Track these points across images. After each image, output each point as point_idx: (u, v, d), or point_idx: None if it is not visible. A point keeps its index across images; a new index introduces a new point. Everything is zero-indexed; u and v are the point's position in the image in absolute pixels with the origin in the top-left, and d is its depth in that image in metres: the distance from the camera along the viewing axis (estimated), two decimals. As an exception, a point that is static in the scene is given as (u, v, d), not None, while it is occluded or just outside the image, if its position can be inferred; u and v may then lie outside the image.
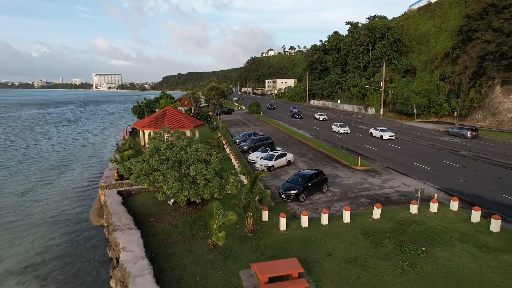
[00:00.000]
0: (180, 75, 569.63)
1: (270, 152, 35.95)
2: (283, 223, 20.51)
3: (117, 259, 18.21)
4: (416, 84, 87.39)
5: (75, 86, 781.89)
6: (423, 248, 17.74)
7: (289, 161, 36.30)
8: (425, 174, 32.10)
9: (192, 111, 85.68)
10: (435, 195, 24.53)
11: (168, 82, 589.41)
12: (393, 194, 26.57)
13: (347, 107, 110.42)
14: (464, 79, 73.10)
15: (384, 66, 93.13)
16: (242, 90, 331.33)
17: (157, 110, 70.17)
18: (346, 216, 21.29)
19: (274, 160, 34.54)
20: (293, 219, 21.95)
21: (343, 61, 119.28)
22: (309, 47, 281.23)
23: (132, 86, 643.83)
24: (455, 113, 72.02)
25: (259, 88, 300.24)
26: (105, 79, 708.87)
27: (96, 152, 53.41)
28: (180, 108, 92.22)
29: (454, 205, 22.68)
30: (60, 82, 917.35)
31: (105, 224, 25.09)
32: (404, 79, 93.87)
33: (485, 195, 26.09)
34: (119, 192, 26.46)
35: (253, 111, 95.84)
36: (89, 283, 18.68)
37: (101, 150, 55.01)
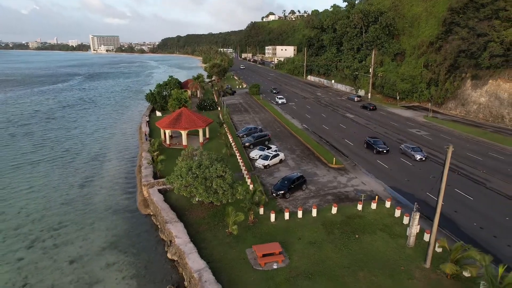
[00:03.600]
0: (179, 37, 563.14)
1: (266, 153, 46.88)
2: (272, 217, 32.00)
3: (171, 241, 29.93)
4: (404, 68, 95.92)
5: (72, 48, 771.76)
6: (357, 236, 29.34)
7: (281, 159, 47.37)
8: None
9: (198, 95, 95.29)
10: (376, 196, 35.75)
11: (167, 44, 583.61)
12: (351, 193, 37.95)
13: (341, 87, 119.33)
14: (442, 71, 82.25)
15: (374, 52, 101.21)
16: (242, 56, 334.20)
17: (168, 98, 79.99)
18: (314, 212, 32.78)
19: (269, 160, 45.60)
20: (280, 213, 33.43)
21: (339, 41, 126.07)
22: (310, 12, 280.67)
23: (130, 49, 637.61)
24: (429, 104, 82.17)
25: (259, 55, 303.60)
26: (102, 41, 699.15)
27: (122, 143, 63.90)
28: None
29: (388, 204, 34.13)
30: (56, 42, 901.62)
31: (152, 213, 36.72)
32: (394, 63, 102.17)
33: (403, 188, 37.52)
34: (159, 190, 37.85)
35: (253, 92, 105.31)
36: (151, 254, 30.46)
37: (125, 141, 65.45)
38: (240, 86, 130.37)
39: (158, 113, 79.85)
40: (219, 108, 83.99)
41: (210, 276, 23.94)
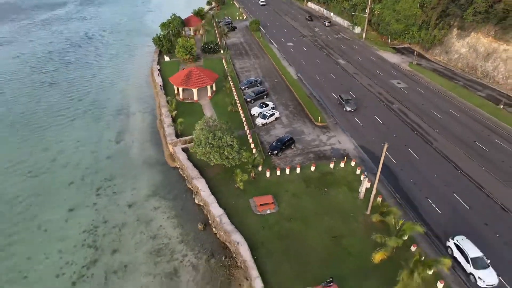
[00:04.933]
0: None
1: (264, 113, 57.55)
2: (267, 174, 44.68)
3: (196, 192, 43.13)
4: (401, 4, 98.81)
5: None
6: (325, 189, 42.41)
7: (276, 117, 58.29)
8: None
9: (202, 38, 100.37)
10: (345, 158, 47.76)
11: None
12: (328, 151, 50.04)
13: (339, 20, 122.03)
14: (434, 15, 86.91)
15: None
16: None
17: (175, 42, 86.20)
18: (298, 169, 45.36)
19: (267, 119, 56.63)
20: (273, 170, 45.95)
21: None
22: None
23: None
24: (415, 53, 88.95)
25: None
26: None
27: (139, 93, 72.93)
28: (189, 32, 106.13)
29: (353, 163, 46.52)
30: None
31: (178, 167, 49.33)
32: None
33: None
34: (182, 149, 49.87)
35: (253, 29, 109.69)
36: (183, 200, 43.86)
37: (141, 90, 74.30)
38: (240, 18, 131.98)
39: (166, 58, 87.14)
40: (221, 51, 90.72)
41: (226, 219, 37.59)
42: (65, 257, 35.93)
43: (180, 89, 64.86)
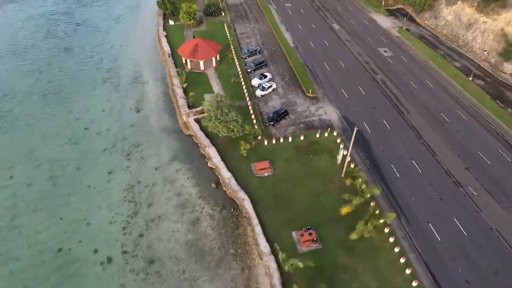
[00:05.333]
0: None
1: (263, 85, 66.29)
2: (265, 142, 55.34)
3: (209, 157, 54.16)
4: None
5: None
6: (311, 156, 53.42)
7: (274, 89, 67.18)
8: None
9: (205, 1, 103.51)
10: (329, 128, 57.91)
11: None
12: (316, 122, 60.08)
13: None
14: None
15: None
16: None
17: (178, 5, 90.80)
18: (290, 139, 55.93)
19: (265, 91, 65.64)
20: (270, 139, 56.46)
21: None
22: None
23: None
24: (405, 19, 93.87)
25: None
26: None
27: (149, 60, 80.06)
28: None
29: (335, 133, 56.94)
30: None
31: (192, 135, 59.69)
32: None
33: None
34: (195, 120, 59.81)
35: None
36: (199, 164, 54.91)
37: (150, 57, 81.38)
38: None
39: (171, 22, 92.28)
40: (222, 14, 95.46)
41: (234, 181, 49.14)
42: (113, 209, 48.07)
43: (188, 61, 72.54)
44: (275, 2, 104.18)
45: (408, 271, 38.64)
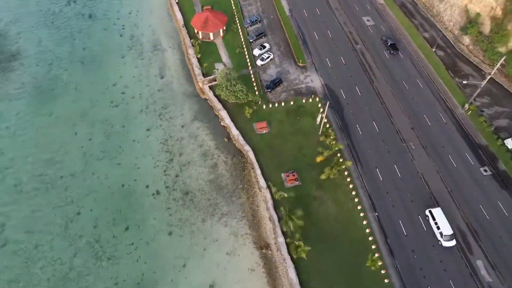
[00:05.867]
0: None
1: (263, 56, 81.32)
2: (264, 106, 72.76)
3: (222, 118, 72.02)
4: None
5: None
6: (298, 118, 71.30)
7: (271, 59, 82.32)
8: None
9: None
10: (313, 95, 74.70)
11: None
12: (303, 89, 76.69)
13: None
14: None
15: None
16: None
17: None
18: (282, 104, 73.26)
19: (264, 61, 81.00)
20: (267, 103, 73.64)
21: None
22: None
23: None
24: None
25: None
26: None
27: (164, 28, 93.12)
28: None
29: (317, 99, 74.07)
30: None
31: (207, 99, 76.60)
32: None
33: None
34: (209, 87, 76.33)
35: None
36: (214, 122, 72.83)
37: (165, 24, 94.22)
38: None
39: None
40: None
41: (241, 137, 67.86)
42: (155, 157, 67.41)
43: (200, 33, 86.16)
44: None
45: (356, 200, 59.42)
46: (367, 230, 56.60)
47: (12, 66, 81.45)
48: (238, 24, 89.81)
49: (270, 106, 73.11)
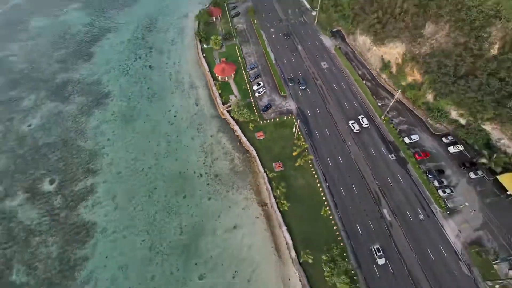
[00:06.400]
0: None
1: (259, 90, 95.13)
2: (261, 122, 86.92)
3: (235, 130, 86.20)
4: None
5: None
6: (282, 128, 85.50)
7: (264, 92, 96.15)
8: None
9: (221, 26, 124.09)
10: (290, 114, 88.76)
11: None
12: (284, 110, 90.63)
13: (307, 4, 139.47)
14: (351, 15, 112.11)
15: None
16: None
17: (207, 33, 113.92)
18: (272, 120, 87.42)
19: (260, 93, 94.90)
20: (263, 120, 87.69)
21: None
22: None
23: None
24: (336, 41, 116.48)
25: None
26: None
27: (196, 73, 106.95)
28: (212, 20, 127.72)
29: (293, 117, 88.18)
30: None
31: (226, 118, 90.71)
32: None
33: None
34: (227, 111, 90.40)
35: (251, 14, 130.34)
36: (231, 134, 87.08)
37: (196, 70, 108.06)
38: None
39: (205, 45, 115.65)
40: (234, 39, 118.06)
41: (248, 142, 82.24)
42: (197, 155, 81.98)
43: (221, 77, 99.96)
44: (264, 28, 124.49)
45: (315, 177, 74.11)
46: (322, 194, 71.33)
47: (106, 102, 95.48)
48: (243, 70, 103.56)
49: (265, 122, 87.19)
